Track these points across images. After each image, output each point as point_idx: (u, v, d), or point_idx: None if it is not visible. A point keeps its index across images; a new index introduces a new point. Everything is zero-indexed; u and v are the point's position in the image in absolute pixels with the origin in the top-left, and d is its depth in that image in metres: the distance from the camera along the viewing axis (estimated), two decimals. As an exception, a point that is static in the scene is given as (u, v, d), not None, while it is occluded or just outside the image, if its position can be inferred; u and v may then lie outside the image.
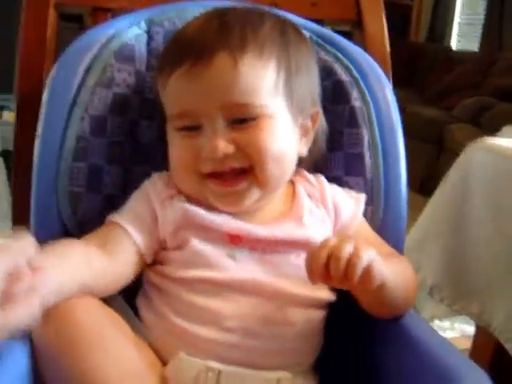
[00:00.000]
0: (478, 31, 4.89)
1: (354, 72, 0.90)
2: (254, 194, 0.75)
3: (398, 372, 0.76)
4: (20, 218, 0.92)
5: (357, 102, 0.88)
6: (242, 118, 0.73)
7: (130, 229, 0.75)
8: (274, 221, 0.78)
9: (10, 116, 3.81)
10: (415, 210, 1.47)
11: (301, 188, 0.82)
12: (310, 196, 0.82)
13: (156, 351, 0.74)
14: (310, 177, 0.84)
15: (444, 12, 5.28)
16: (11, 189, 0.94)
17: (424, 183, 3.40)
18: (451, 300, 1.22)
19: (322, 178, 0.85)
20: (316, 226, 0.79)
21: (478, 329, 1.34)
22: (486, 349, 1.28)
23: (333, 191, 0.84)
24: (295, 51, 0.78)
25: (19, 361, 0.63)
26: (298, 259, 0.75)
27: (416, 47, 5.26)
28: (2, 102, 3.90)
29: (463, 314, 1.23)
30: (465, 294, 1.20)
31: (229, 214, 0.76)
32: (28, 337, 0.64)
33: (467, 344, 1.46)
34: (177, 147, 0.76)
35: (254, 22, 0.76)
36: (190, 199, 0.77)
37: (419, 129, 3.53)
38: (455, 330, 2.03)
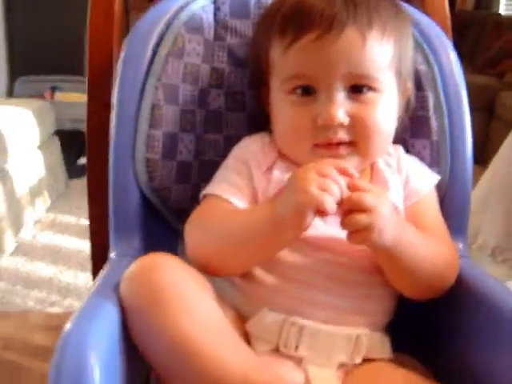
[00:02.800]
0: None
1: (418, 36, 0.90)
2: (354, 160, 0.77)
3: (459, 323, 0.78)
4: (94, 192, 0.96)
5: (421, 66, 0.89)
6: (360, 86, 0.75)
7: (236, 202, 0.77)
8: None
9: (61, 96, 3.88)
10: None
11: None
12: (387, 164, 0.83)
13: (237, 307, 0.75)
14: (389, 147, 0.85)
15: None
16: (86, 163, 0.98)
17: (475, 151, 3.36)
18: (514, 262, 1.23)
19: (400, 149, 0.86)
20: (397, 191, 0.81)
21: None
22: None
23: (409, 161, 0.85)
24: (405, 28, 0.81)
25: (111, 317, 0.64)
26: None
27: (464, 15, 5.15)
28: (53, 83, 3.97)
29: (526, 276, 1.24)
30: (528, 256, 1.20)
31: None
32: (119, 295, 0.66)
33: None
34: (289, 114, 0.78)
35: None
36: (290, 163, 0.79)
37: (470, 96, 3.46)
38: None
